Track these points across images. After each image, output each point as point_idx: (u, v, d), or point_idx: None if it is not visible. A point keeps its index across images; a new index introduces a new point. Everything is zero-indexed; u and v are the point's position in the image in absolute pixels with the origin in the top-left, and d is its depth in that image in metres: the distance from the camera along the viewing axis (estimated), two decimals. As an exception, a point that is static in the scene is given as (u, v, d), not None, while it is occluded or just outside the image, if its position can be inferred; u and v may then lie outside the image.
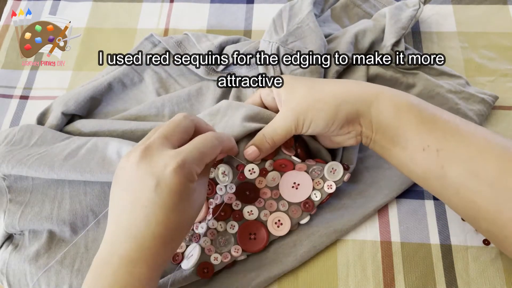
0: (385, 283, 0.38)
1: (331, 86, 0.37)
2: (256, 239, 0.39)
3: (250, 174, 0.38)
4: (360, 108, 0.36)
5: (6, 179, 0.41)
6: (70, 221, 0.40)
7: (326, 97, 0.36)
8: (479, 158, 0.32)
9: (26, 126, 0.43)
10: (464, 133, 0.33)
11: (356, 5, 0.53)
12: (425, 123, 0.34)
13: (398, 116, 0.35)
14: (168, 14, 0.57)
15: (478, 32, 0.53)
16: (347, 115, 0.36)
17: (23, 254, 0.39)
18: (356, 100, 0.36)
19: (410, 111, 0.35)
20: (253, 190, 0.40)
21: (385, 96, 0.36)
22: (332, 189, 0.40)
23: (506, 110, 0.47)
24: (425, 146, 0.33)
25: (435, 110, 0.35)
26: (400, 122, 0.35)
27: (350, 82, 0.38)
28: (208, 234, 0.39)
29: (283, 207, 0.40)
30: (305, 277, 0.39)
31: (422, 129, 0.34)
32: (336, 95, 0.36)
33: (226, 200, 0.39)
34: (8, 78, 0.52)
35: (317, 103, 0.36)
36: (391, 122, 0.35)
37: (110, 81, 0.48)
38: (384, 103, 0.35)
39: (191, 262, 0.38)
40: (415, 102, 0.36)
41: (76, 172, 0.39)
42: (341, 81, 0.39)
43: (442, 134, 0.33)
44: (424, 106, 0.35)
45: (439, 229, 0.41)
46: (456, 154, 0.32)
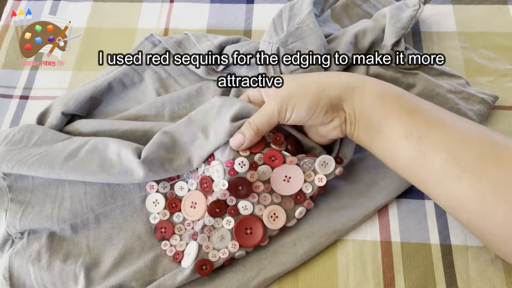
0: (385, 283, 0.38)
1: (317, 74, 0.39)
2: (252, 234, 0.39)
3: (240, 167, 0.38)
4: (344, 94, 0.36)
5: (6, 179, 0.41)
6: (71, 220, 0.40)
7: (310, 82, 0.37)
8: (460, 145, 0.32)
9: (26, 126, 0.43)
10: (447, 121, 0.33)
11: (356, 5, 0.53)
12: (408, 111, 0.34)
13: (382, 103, 0.35)
14: (168, 14, 0.57)
15: (478, 32, 0.53)
16: (331, 99, 0.36)
17: (25, 255, 0.39)
18: (339, 86, 0.36)
19: (394, 99, 0.35)
20: (246, 185, 0.39)
21: (368, 84, 0.36)
22: (323, 182, 0.40)
23: (506, 110, 0.47)
24: (407, 133, 0.34)
25: (419, 100, 0.36)
26: (383, 109, 0.35)
27: (335, 72, 0.40)
28: (205, 231, 0.39)
29: (276, 199, 0.40)
30: (305, 277, 0.39)
31: (405, 116, 0.34)
32: (320, 81, 0.37)
33: (220, 196, 0.39)
34: (8, 78, 0.52)
35: (300, 88, 0.37)
36: (374, 108, 0.35)
37: (110, 81, 0.48)
38: (368, 90, 0.36)
39: (189, 260, 0.38)
40: (399, 91, 0.36)
41: (77, 174, 0.39)
42: (327, 72, 0.40)
43: (425, 122, 0.33)
44: (408, 96, 0.36)
45: (439, 229, 0.41)
46: (438, 142, 0.32)
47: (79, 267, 0.39)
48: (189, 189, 0.42)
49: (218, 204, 0.39)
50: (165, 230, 0.41)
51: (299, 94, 0.37)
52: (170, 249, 0.40)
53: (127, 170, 0.39)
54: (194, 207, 0.41)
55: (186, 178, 0.42)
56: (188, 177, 0.42)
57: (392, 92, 0.36)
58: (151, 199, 0.42)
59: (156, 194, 0.42)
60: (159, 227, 0.41)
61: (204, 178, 0.41)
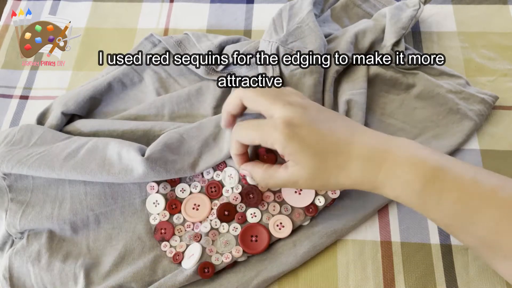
0: (385, 283, 0.38)
1: (339, 175, 0.33)
2: (257, 241, 0.39)
3: (252, 180, 0.40)
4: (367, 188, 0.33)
5: (6, 179, 0.41)
6: (71, 220, 0.40)
7: (329, 187, 0.35)
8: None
9: (26, 126, 0.43)
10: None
11: (356, 5, 0.53)
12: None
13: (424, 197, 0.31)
14: (168, 14, 0.57)
15: (478, 32, 0.53)
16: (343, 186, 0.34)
17: (25, 255, 0.39)
18: (361, 184, 0.33)
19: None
20: (257, 193, 0.40)
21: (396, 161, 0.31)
22: (337, 194, 0.40)
23: (506, 110, 0.47)
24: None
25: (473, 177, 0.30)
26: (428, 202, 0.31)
27: (356, 161, 0.32)
28: (210, 234, 0.39)
29: (286, 211, 0.40)
30: (305, 277, 0.39)
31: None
32: (339, 186, 0.34)
33: (232, 200, 0.40)
34: (8, 78, 0.52)
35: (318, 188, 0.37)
36: (415, 203, 0.32)
37: (110, 81, 0.48)
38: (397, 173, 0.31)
39: (192, 262, 0.38)
40: (435, 163, 0.31)
41: (77, 173, 0.39)
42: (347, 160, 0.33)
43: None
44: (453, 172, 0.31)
45: (439, 229, 0.40)
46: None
47: (79, 268, 0.39)
48: (191, 191, 0.42)
49: (227, 207, 0.40)
50: (165, 231, 0.41)
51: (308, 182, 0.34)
52: (170, 250, 0.40)
53: (127, 168, 0.39)
54: (197, 209, 0.41)
55: (190, 181, 0.42)
56: (192, 180, 0.42)
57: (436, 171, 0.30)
58: (152, 200, 0.42)
59: (156, 195, 0.42)
60: (159, 228, 0.41)
61: (212, 182, 0.41)
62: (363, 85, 0.45)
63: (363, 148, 0.32)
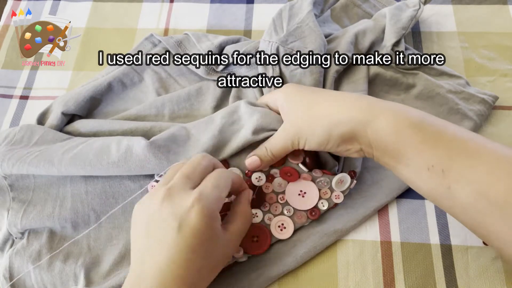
0: (385, 283, 0.38)
1: (328, 105, 0.37)
2: (258, 242, 0.39)
3: (257, 181, 0.40)
4: (356, 128, 0.35)
5: (7, 178, 0.41)
6: (72, 219, 0.40)
7: (321, 118, 0.36)
8: (487, 178, 0.30)
9: (26, 126, 0.43)
10: (471, 150, 0.32)
11: (356, 5, 0.53)
12: (428, 141, 0.33)
13: (398, 135, 0.34)
14: (168, 14, 0.57)
15: (478, 32, 0.53)
16: (342, 136, 0.35)
17: (25, 255, 0.39)
18: (351, 120, 0.35)
19: (411, 129, 0.33)
20: (260, 194, 0.40)
21: (383, 116, 0.34)
22: (340, 199, 0.40)
23: (506, 110, 0.47)
24: (429, 165, 0.32)
25: (440, 126, 0.34)
26: (400, 142, 0.33)
27: (348, 100, 0.37)
28: None
29: (288, 213, 0.40)
30: (305, 277, 0.39)
31: (425, 148, 0.33)
32: (331, 116, 0.36)
33: (233, 199, 0.40)
34: (8, 78, 0.52)
35: (311, 124, 0.37)
36: (390, 141, 0.34)
37: (110, 81, 0.48)
38: (382, 122, 0.34)
39: None
40: (417, 118, 0.34)
41: (76, 166, 0.38)
42: (339, 99, 0.37)
43: (447, 153, 0.32)
44: (427, 122, 0.34)
45: (439, 229, 0.41)
46: (463, 175, 0.31)
47: (79, 267, 0.39)
48: None
49: (229, 207, 0.39)
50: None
51: (309, 130, 0.36)
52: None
53: (126, 152, 0.38)
54: None
55: None
56: None
57: (409, 121, 0.33)
58: (151, 199, 0.42)
59: (156, 194, 0.42)
60: (159, 227, 0.41)
61: None
62: (364, 86, 0.45)
63: (351, 96, 0.37)
